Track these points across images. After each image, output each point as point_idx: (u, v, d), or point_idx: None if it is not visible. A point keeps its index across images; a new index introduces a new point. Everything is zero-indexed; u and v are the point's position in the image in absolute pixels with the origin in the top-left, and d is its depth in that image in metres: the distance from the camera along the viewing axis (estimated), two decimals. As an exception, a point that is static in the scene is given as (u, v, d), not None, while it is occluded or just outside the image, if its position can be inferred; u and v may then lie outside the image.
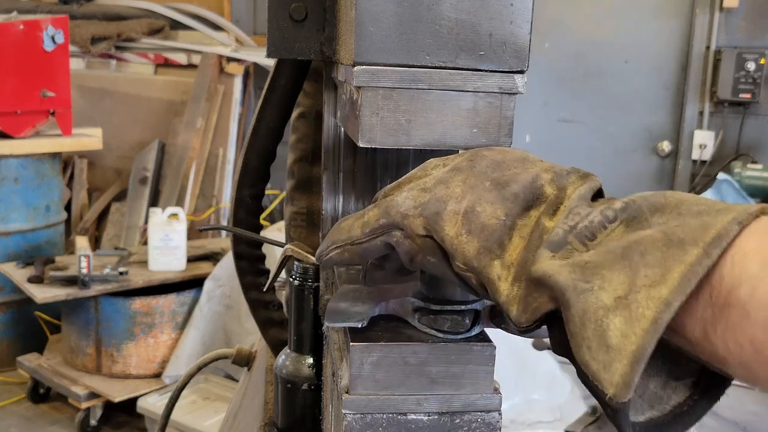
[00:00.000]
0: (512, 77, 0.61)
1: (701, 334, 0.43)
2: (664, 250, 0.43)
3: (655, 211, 0.47)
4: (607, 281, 0.44)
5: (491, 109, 0.62)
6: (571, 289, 0.45)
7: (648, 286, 0.43)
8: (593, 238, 0.48)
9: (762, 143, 3.95)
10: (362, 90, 0.60)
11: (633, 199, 0.49)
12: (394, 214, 0.56)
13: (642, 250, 0.44)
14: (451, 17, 0.59)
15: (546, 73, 4.30)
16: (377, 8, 0.58)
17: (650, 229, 0.46)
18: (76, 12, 4.94)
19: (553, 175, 0.54)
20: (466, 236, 0.52)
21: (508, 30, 0.60)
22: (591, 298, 0.44)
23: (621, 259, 0.45)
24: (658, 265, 0.43)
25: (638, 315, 0.42)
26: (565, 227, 0.49)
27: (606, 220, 0.48)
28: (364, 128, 0.61)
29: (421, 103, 0.61)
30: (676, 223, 0.45)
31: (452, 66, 0.60)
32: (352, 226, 0.59)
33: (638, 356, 0.41)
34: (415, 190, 0.56)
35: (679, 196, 0.48)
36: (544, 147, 4.44)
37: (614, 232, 0.48)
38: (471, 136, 0.62)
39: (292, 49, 0.73)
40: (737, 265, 0.42)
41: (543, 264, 0.48)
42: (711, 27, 3.93)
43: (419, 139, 0.62)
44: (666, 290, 0.42)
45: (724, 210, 0.45)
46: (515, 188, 0.53)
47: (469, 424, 0.62)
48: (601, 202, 0.52)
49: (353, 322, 0.63)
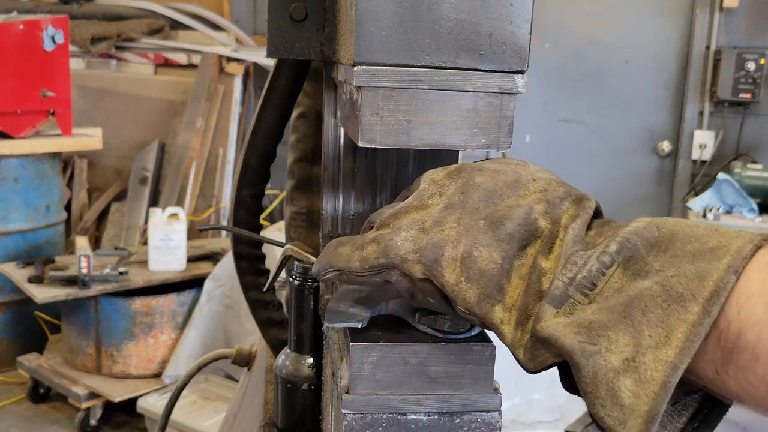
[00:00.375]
0: (512, 77, 0.61)
1: (713, 375, 0.44)
2: (664, 307, 0.44)
3: (651, 248, 0.48)
4: (614, 343, 0.45)
5: (491, 109, 0.62)
6: (578, 353, 0.46)
7: (654, 348, 0.44)
8: (593, 287, 0.49)
9: (762, 143, 3.95)
10: (362, 90, 0.60)
11: (627, 238, 0.49)
12: (393, 256, 0.56)
13: (643, 307, 0.45)
14: (451, 17, 0.59)
15: (546, 73, 4.30)
16: (377, 8, 0.58)
17: (648, 278, 0.46)
18: (76, 12, 4.94)
19: (546, 206, 0.54)
20: (466, 283, 0.53)
21: (508, 30, 0.60)
22: (600, 361, 0.45)
23: (624, 318, 0.46)
24: (660, 324, 0.44)
25: (648, 378, 0.43)
26: (564, 279, 0.49)
27: (603, 266, 0.49)
28: (364, 128, 0.61)
29: (421, 103, 0.61)
30: (672, 272, 0.46)
31: (452, 66, 0.60)
32: (351, 256, 0.59)
33: (651, 416, 0.43)
34: (414, 230, 0.56)
35: (671, 226, 0.49)
36: (544, 147, 4.44)
37: (613, 277, 0.49)
38: (471, 136, 0.62)
39: (292, 49, 0.73)
40: (743, 309, 0.43)
41: (548, 324, 0.49)
42: (711, 27, 3.93)
43: (419, 139, 0.62)
44: (672, 352, 0.43)
45: (718, 250, 0.45)
46: (510, 227, 0.53)
47: (469, 424, 0.62)
48: (598, 236, 0.52)
49: (353, 322, 0.63)
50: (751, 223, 3.41)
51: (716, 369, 0.44)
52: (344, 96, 0.72)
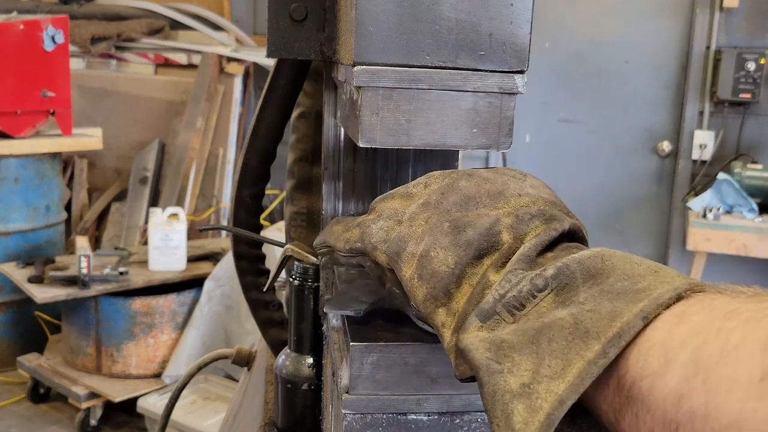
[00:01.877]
0: (512, 77, 0.61)
1: (614, 419, 0.44)
2: (569, 339, 0.44)
3: (588, 278, 0.48)
4: (516, 365, 0.46)
5: (491, 109, 0.62)
6: (483, 369, 0.47)
7: (549, 378, 0.44)
8: (521, 308, 0.49)
9: (762, 143, 3.95)
10: (362, 90, 0.60)
11: (567, 264, 0.48)
12: (366, 242, 0.58)
13: (551, 336, 0.45)
14: (451, 17, 0.59)
15: (546, 73, 4.30)
16: (377, 8, 0.58)
17: (567, 309, 0.46)
18: (76, 12, 4.94)
19: (515, 221, 0.54)
20: (418, 281, 0.54)
21: (508, 30, 0.60)
22: (500, 381, 0.46)
23: (531, 343, 0.46)
24: (561, 356, 0.44)
25: (537, 406, 0.43)
26: (496, 295, 0.50)
27: (535, 288, 0.49)
28: (364, 128, 0.61)
29: (421, 103, 0.61)
30: (590, 306, 0.45)
31: (452, 66, 0.60)
32: (339, 236, 0.62)
33: None
34: (392, 220, 0.58)
35: (616, 261, 0.48)
36: (544, 147, 4.44)
37: (543, 302, 0.48)
38: (471, 136, 0.62)
39: (292, 49, 0.73)
40: (642, 357, 0.42)
41: (467, 336, 0.49)
42: (711, 27, 3.93)
43: (419, 139, 0.62)
44: (563, 386, 0.43)
45: (641, 292, 0.44)
46: (470, 234, 0.54)
47: (468, 424, 0.62)
48: (552, 259, 0.51)
49: (350, 310, 0.64)
50: (751, 222, 3.41)
51: (615, 414, 0.43)
52: (344, 96, 0.72)
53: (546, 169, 4.47)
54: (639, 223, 4.35)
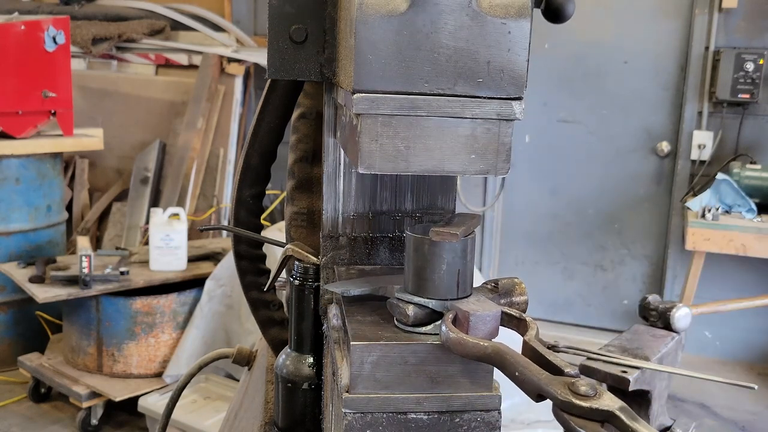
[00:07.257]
0: (510, 104, 0.62)
1: None
2: None
3: None
4: None
5: (489, 135, 0.62)
6: None
7: None
8: None
9: (761, 143, 3.96)
10: (361, 117, 0.60)
11: None
12: None
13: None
14: (449, 45, 0.59)
15: (546, 73, 4.30)
16: (376, 37, 0.59)
17: None
18: (77, 13, 4.94)
19: None
20: None
21: (506, 57, 0.60)
22: None
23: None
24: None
25: None
26: None
27: None
28: (363, 154, 0.61)
29: (420, 130, 0.61)
30: None
31: (450, 93, 0.60)
32: None
33: None
34: None
35: None
36: (543, 147, 4.44)
37: None
38: (469, 162, 0.63)
39: (293, 70, 0.74)
40: None
41: None
42: (710, 27, 3.93)
43: (418, 165, 0.62)
44: None
45: None
46: None
47: (468, 423, 0.62)
48: None
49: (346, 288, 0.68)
50: (750, 222, 3.41)
51: None
52: (344, 118, 0.73)
53: (546, 169, 4.48)
54: (638, 223, 4.36)
